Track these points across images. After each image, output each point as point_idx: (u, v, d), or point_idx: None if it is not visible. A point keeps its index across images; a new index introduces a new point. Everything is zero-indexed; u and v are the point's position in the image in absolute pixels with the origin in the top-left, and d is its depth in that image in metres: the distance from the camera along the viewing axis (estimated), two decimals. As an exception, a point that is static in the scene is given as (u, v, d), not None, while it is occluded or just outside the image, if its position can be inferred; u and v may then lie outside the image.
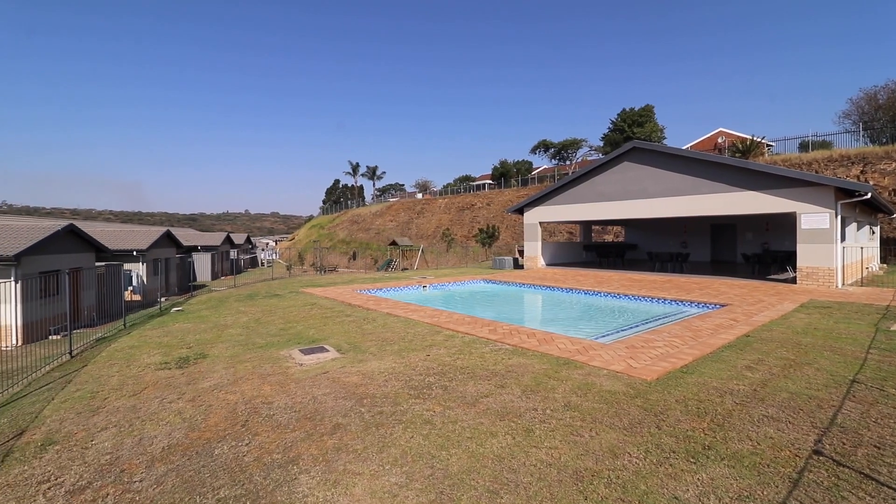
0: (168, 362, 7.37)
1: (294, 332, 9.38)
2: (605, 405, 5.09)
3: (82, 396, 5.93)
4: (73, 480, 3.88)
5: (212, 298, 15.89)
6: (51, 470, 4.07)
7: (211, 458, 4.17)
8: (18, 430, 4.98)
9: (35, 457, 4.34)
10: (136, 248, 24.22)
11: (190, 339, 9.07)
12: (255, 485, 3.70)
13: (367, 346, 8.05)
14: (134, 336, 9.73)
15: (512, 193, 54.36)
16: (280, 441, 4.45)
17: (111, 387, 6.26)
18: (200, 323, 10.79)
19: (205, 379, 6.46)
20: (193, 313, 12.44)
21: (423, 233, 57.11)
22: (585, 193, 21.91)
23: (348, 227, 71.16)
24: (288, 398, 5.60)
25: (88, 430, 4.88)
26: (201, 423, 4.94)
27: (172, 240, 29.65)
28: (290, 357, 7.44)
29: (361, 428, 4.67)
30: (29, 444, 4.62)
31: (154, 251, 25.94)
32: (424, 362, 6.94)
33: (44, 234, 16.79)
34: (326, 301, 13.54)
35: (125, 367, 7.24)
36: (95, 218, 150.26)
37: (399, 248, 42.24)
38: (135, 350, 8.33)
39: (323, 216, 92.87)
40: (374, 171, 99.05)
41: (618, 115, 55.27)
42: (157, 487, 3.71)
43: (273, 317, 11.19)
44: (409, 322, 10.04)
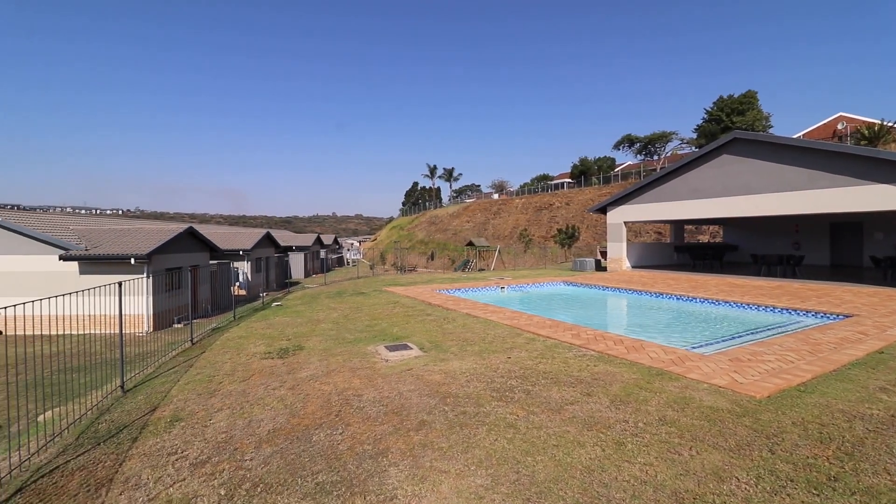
0: (271, 352, 8.09)
1: (379, 328, 9.81)
2: (706, 422, 4.67)
3: (201, 380, 6.71)
4: (195, 454, 4.40)
5: (305, 295, 17.17)
6: (177, 444, 4.66)
7: (309, 443, 4.50)
8: (152, 407, 5.76)
9: (165, 431, 4.98)
10: (242, 248, 26.94)
11: (289, 331, 9.89)
12: (348, 473, 3.92)
13: (449, 345, 8.18)
14: (242, 327, 10.83)
15: (593, 192, 52.12)
16: (370, 433, 4.67)
17: (224, 372, 7.02)
18: (297, 317, 11.71)
19: (302, 369, 6.99)
20: (290, 308, 13.55)
21: (500, 233, 56.78)
22: (677, 190, 20.32)
23: (426, 228, 72.94)
24: (376, 392, 5.87)
25: (207, 410, 5.51)
26: (300, 410, 5.35)
27: (271, 241, 32.53)
28: (377, 353, 7.79)
29: (446, 426, 4.76)
30: (160, 419, 5.33)
31: (257, 251, 28.69)
32: (506, 365, 6.89)
33: (169, 236, 19.29)
34: (408, 300, 13.98)
35: (235, 355, 8.08)
36: (208, 221, 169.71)
37: (476, 248, 42.41)
38: (243, 340, 9.26)
39: (402, 217, 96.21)
40: (451, 172, 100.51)
41: (714, 104, 50.49)
42: (264, 467, 4.09)
43: (360, 314, 11.80)
44: (489, 323, 10.03)
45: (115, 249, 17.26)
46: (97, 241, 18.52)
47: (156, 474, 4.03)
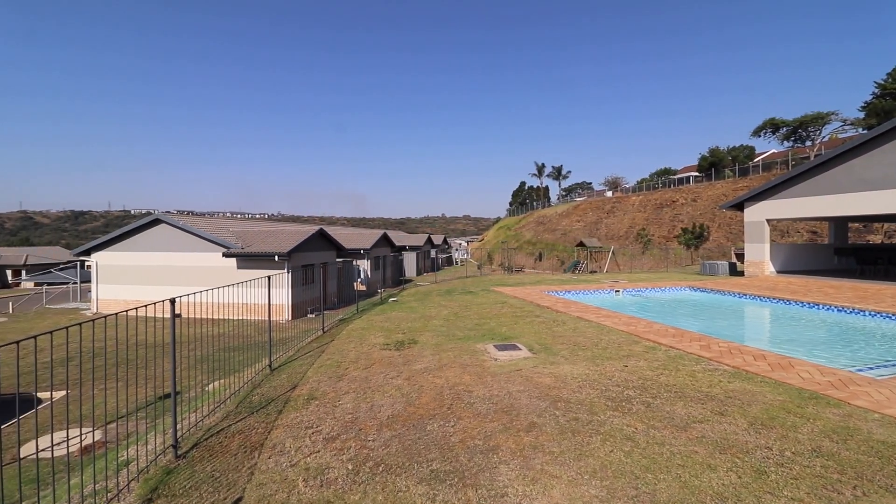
0: (389, 344, 8.72)
1: (488, 328, 9.95)
2: (876, 459, 3.89)
3: (331, 365, 7.50)
4: (327, 430, 4.94)
5: (418, 292, 18.11)
6: (313, 419, 5.27)
7: (424, 432, 4.76)
8: (292, 385, 6.59)
9: (303, 407, 5.68)
10: (363, 248, 29.39)
11: (404, 326, 10.55)
12: (460, 465, 4.07)
13: (559, 348, 7.97)
14: (364, 320, 11.84)
15: (726, 186, 46.22)
16: (480, 429, 4.78)
17: (350, 360, 7.75)
18: (411, 313, 12.43)
19: (416, 362, 7.41)
20: (405, 304, 14.42)
21: (614, 233, 53.37)
22: (838, 180, 17.06)
23: (534, 228, 71.62)
24: (485, 389, 5.98)
25: (336, 392, 6.14)
26: (415, 400, 5.69)
27: (388, 241, 34.91)
28: (486, 351, 7.92)
29: (557, 431, 4.66)
30: (299, 397, 6.08)
31: (375, 250, 31.05)
32: (622, 373, 6.50)
33: (304, 237, 21.83)
34: (516, 300, 13.93)
35: (359, 344, 8.87)
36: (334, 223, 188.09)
37: (587, 249, 40.49)
38: (365, 331, 10.13)
39: (510, 218, 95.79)
40: (560, 170, 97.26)
41: (888, 76, 41.27)
42: (384, 449, 4.44)
43: (469, 312, 12.09)
44: (602, 328, 9.54)
45: (263, 248, 20.08)
46: (250, 241, 21.73)
47: (296, 444, 4.62)
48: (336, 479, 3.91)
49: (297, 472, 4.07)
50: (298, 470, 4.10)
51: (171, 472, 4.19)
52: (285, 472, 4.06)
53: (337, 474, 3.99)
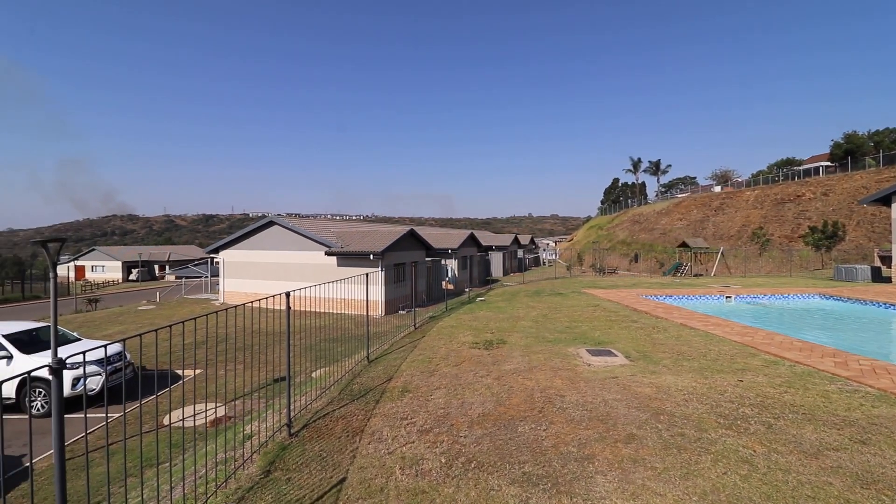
0: (478, 343, 8.81)
1: (579, 331, 9.58)
2: None
3: (422, 360, 7.77)
4: (421, 423, 5.14)
5: (505, 292, 18.03)
6: (407, 411, 5.51)
7: (515, 433, 4.74)
8: (388, 377, 6.95)
9: (398, 399, 5.96)
10: (450, 247, 29.98)
11: (492, 325, 10.58)
12: (553, 470, 3.99)
13: (660, 357, 7.43)
14: (453, 318, 12.09)
15: (866, 177, 39.38)
16: (574, 435, 4.63)
17: (440, 356, 7.97)
18: (499, 313, 12.43)
19: (506, 362, 7.40)
20: (493, 304, 14.45)
21: (723, 232, 48.18)
22: None
23: (629, 228, 67.28)
24: (578, 395, 5.78)
25: (428, 387, 6.35)
26: (506, 401, 5.68)
27: (474, 241, 35.22)
28: (578, 355, 7.64)
29: (659, 446, 4.35)
30: (394, 388, 6.39)
31: (462, 250, 31.52)
32: (736, 388, 5.87)
33: (396, 237, 22.87)
34: (609, 304, 13.24)
35: (448, 342, 9.08)
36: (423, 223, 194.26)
37: (690, 250, 37.07)
38: (454, 329, 10.34)
39: (601, 216, 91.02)
40: (658, 165, 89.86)
41: None
42: (476, 446, 4.50)
43: (558, 314, 11.76)
44: (711, 337, 8.69)
45: (360, 247, 21.43)
46: (348, 240, 23.31)
47: (393, 433, 4.87)
48: (430, 471, 4.05)
49: (394, 459, 4.29)
50: (395, 458, 4.32)
51: (285, 448, 4.66)
52: (383, 459, 4.31)
53: (431, 466, 4.13)
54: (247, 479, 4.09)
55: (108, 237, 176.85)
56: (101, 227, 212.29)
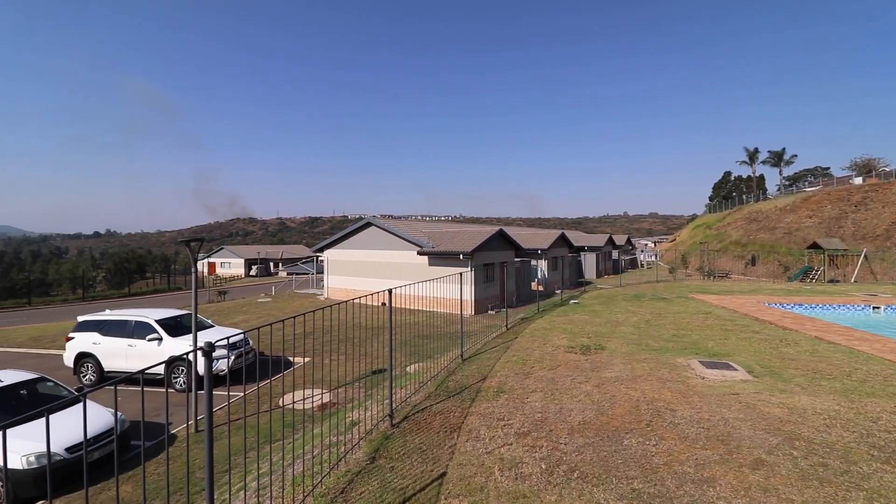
0: (573, 347, 8.47)
1: (689, 340, 8.76)
2: None
3: (516, 362, 7.66)
4: (518, 425, 5.05)
5: (601, 295, 17.13)
6: (503, 412, 5.46)
7: (620, 445, 4.46)
8: (482, 377, 6.96)
9: (493, 399, 5.93)
10: (540, 248, 29.27)
11: (588, 329, 10.11)
12: (667, 490, 3.67)
13: (790, 374, 6.51)
14: (545, 320, 11.78)
15: None
16: (690, 454, 4.23)
17: (535, 359, 7.79)
18: (595, 317, 11.84)
19: (605, 369, 7.01)
20: (587, 307, 13.81)
21: (866, 232, 40.86)
22: None
23: (744, 227, 60.00)
24: (692, 410, 5.27)
25: (524, 389, 6.24)
26: (608, 410, 5.38)
27: (565, 241, 34.02)
28: (689, 367, 6.98)
29: (796, 475, 3.80)
30: (489, 388, 6.37)
31: (552, 250, 30.61)
32: (893, 416, 4.93)
33: (485, 237, 22.91)
34: (723, 311, 11.93)
35: (542, 344, 8.86)
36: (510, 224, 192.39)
37: (824, 252, 32.02)
38: (547, 332, 10.06)
39: (710, 214, 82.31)
40: (780, 155, 78.59)
41: None
42: (578, 455, 4.31)
43: (663, 320, 10.87)
44: (856, 354, 7.41)
45: (450, 247, 21.84)
46: (439, 240, 23.89)
47: (490, 433, 4.86)
48: (530, 476, 3.96)
49: (492, 459, 4.27)
50: (494, 458, 4.29)
51: (388, 438, 4.88)
52: (482, 458, 4.31)
53: (531, 471, 4.04)
54: (355, 464, 4.35)
55: (233, 237, 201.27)
56: (227, 228, 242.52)
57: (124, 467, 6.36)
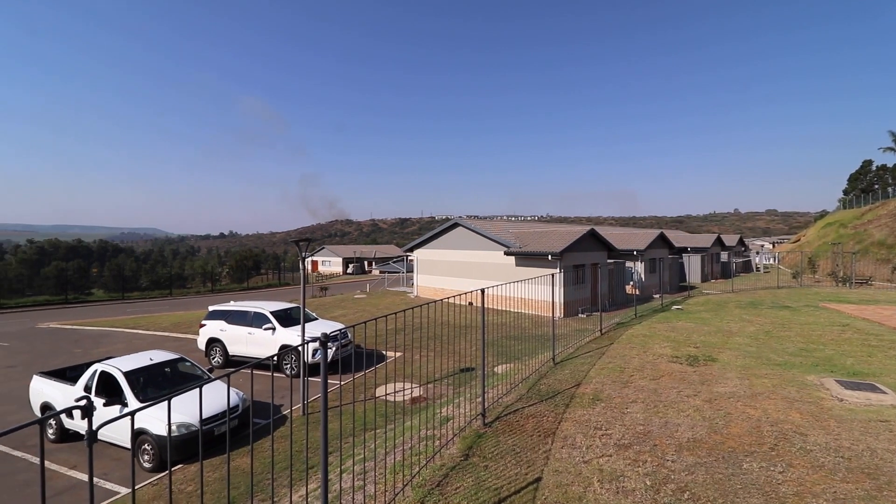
0: (678, 357, 7.81)
1: (821, 356, 7.62)
2: None
3: (613, 369, 7.27)
4: (618, 436, 4.79)
5: (709, 301, 15.59)
6: (601, 421, 5.20)
7: (739, 468, 4.01)
8: (576, 382, 6.71)
9: (589, 406, 5.68)
10: (636, 249, 27.44)
11: (695, 338, 9.25)
12: (799, 524, 3.23)
13: (966, 403, 5.36)
14: (644, 326, 11.01)
15: None
16: (826, 486, 3.67)
17: (634, 367, 7.32)
18: (702, 325, 10.80)
19: (717, 383, 6.36)
20: (693, 314, 12.64)
21: None
22: None
23: (890, 225, 50.58)
24: (827, 437, 4.57)
25: (622, 398, 5.90)
26: (722, 428, 4.87)
27: (665, 241, 31.51)
28: (823, 386, 6.07)
29: (980, 527, 3.12)
30: (583, 395, 6.12)
31: (650, 251, 28.53)
32: None
33: (575, 237, 22.05)
34: (864, 323, 10.20)
35: (642, 352, 8.29)
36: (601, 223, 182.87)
37: None
38: (647, 339, 9.40)
39: (844, 211, 70.68)
40: (949, 138, 64.89)
41: None
42: (688, 475, 3.96)
43: (787, 332, 9.58)
44: None
45: (538, 247, 21.38)
46: (526, 240, 23.53)
47: (587, 442, 4.67)
48: (633, 491, 3.73)
49: (590, 470, 4.09)
50: (592, 469, 4.12)
51: (480, 437, 4.91)
52: (579, 467, 4.15)
53: (634, 486, 3.81)
54: (449, 459, 4.44)
55: (332, 238, 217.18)
56: (327, 229, 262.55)
57: (244, 442, 7.17)
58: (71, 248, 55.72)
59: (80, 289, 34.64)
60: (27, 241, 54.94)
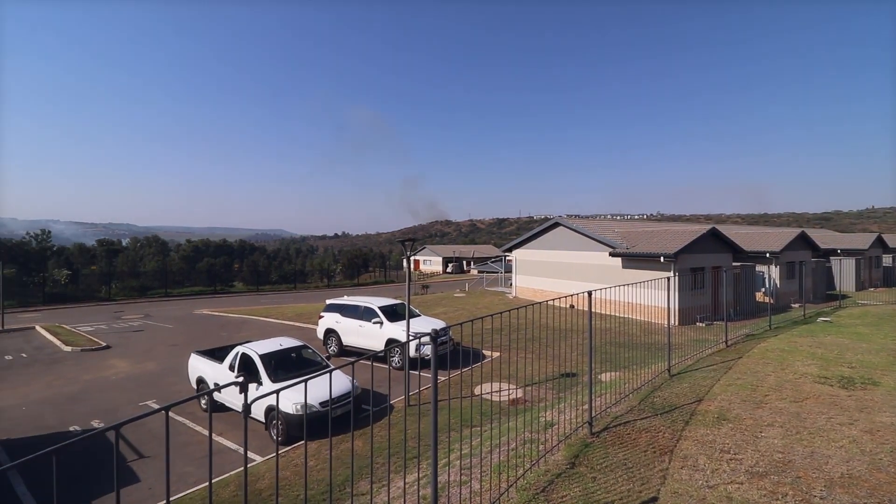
0: (827, 377, 6.67)
1: None
2: None
3: (743, 386, 6.44)
4: (749, 463, 4.23)
5: (867, 313, 13.06)
6: (728, 444, 4.65)
7: (918, 520, 3.30)
8: (697, 398, 6.08)
9: (714, 426, 5.11)
10: (769, 250, 24.01)
11: (849, 357, 7.81)
12: None
13: None
14: (781, 339, 9.59)
15: None
16: None
17: (769, 385, 6.42)
18: (859, 341, 9.07)
19: (881, 411, 5.30)
20: (846, 328, 10.68)
21: None
22: None
23: None
24: None
25: (755, 420, 5.20)
26: (889, 466, 4.05)
27: (807, 242, 27.10)
28: None
29: None
30: (707, 412, 5.52)
31: (787, 253, 24.75)
32: None
33: (693, 237, 19.98)
34: None
35: (779, 369, 7.23)
36: (724, 221, 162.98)
37: None
38: (786, 354, 8.16)
39: None
40: None
41: None
42: (843, 517, 3.36)
43: None
44: None
45: (649, 248, 19.79)
46: (634, 240, 21.94)
47: (711, 465, 4.20)
48: (771, 526, 3.27)
49: (716, 496, 3.68)
50: (718, 495, 3.70)
51: (587, 446, 4.70)
52: (702, 492, 3.76)
53: (772, 521, 3.34)
54: (554, 465, 4.32)
55: (432, 238, 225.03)
56: (427, 230, 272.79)
57: (357, 425, 7.75)
58: (218, 246, 65.39)
59: (224, 281, 40.45)
60: (186, 240, 65.71)
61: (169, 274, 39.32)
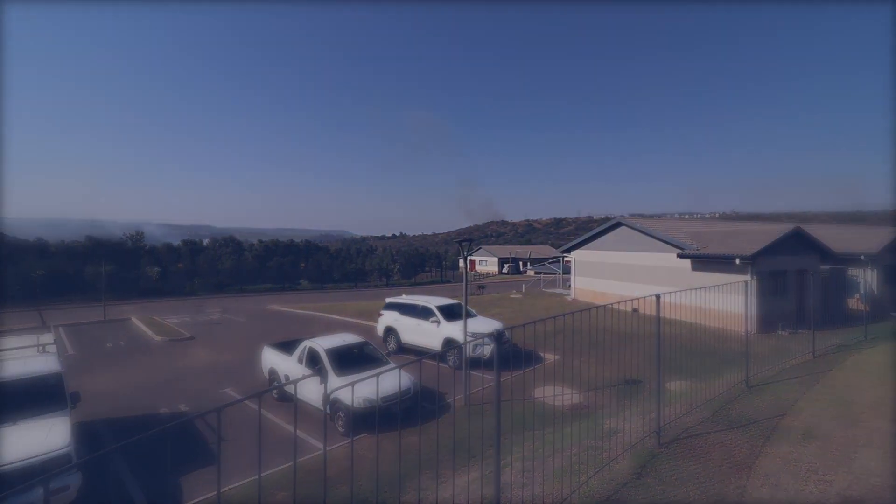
0: (939, 397, 5.91)
1: None
2: None
3: (834, 401, 5.87)
4: (841, 484, 3.86)
5: None
6: (816, 463, 4.26)
7: None
8: (779, 412, 5.62)
9: (798, 443, 4.71)
10: (864, 252, 21.53)
11: (968, 375, 6.86)
12: None
13: None
14: (880, 351, 8.62)
15: None
16: None
17: (866, 403, 5.80)
18: (981, 357, 7.93)
19: None
20: (963, 342, 9.38)
21: None
22: None
23: None
24: None
25: (848, 439, 4.73)
26: None
27: (913, 243, 23.97)
28: None
29: None
30: (791, 428, 5.09)
31: (886, 255, 22.07)
32: None
33: (773, 238, 18.37)
34: None
35: (877, 384, 6.51)
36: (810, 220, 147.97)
37: None
38: (886, 369, 7.32)
39: None
40: None
41: None
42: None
43: None
44: None
45: (722, 250, 18.47)
46: (705, 241, 20.57)
47: (797, 485, 3.88)
48: (870, 558, 2.97)
49: (803, 519, 3.40)
50: (805, 518, 3.41)
51: (655, 457, 4.50)
52: (786, 513, 3.49)
53: (871, 552, 3.03)
54: (618, 474, 4.19)
55: (488, 238, 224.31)
56: (483, 230, 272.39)
57: (414, 422, 7.93)
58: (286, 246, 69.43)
59: (292, 279, 42.92)
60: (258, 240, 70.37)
61: (243, 272, 42.36)
